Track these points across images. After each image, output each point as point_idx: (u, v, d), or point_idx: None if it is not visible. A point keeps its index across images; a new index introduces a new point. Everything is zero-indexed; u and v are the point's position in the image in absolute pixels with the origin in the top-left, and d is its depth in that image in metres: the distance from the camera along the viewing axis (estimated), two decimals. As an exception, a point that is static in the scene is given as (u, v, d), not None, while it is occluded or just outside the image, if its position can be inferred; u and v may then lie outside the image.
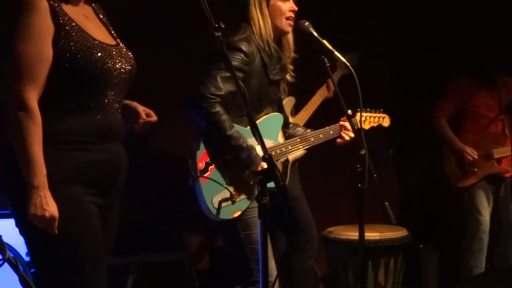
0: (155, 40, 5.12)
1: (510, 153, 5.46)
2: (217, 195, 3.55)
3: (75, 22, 2.68)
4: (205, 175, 3.54)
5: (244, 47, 3.63)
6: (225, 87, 3.52)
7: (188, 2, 2.70)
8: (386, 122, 4.38)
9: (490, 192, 5.53)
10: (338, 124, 3.99)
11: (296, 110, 5.03)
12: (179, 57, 5.16)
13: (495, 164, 5.48)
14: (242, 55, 3.62)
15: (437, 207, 6.16)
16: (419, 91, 5.99)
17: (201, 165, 3.55)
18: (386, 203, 3.39)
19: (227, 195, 3.57)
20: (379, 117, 4.34)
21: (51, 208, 2.54)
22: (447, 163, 5.59)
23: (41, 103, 2.60)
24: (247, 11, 3.73)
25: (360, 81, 3.28)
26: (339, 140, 4.00)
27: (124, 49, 2.88)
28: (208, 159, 3.57)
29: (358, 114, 3.81)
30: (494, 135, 5.51)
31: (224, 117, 3.52)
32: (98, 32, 2.81)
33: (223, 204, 3.56)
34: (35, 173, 2.52)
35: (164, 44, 5.19)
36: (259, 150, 3.57)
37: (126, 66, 2.82)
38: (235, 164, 3.57)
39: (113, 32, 2.94)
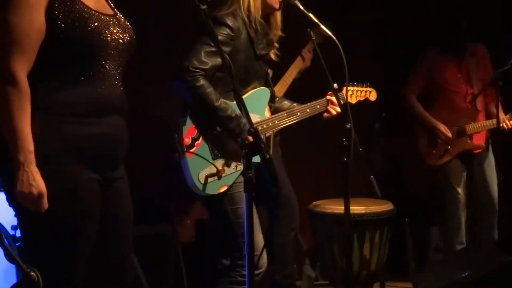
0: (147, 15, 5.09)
1: (483, 129, 5.41)
2: (203, 171, 3.55)
3: None
4: (191, 150, 3.53)
5: (230, 21, 3.60)
6: (209, 61, 3.51)
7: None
8: (373, 96, 4.37)
9: (463, 168, 5.52)
10: (324, 98, 3.98)
11: (273, 83, 5.01)
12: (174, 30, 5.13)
13: (468, 141, 5.43)
14: (228, 30, 3.59)
15: (422, 181, 6.16)
16: (404, 64, 5.98)
17: (187, 140, 3.54)
18: (371, 176, 3.41)
19: (214, 170, 3.56)
20: (365, 91, 4.32)
21: (38, 184, 2.47)
22: (419, 141, 5.55)
23: (35, 75, 2.52)
24: None
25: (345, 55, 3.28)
26: (326, 114, 3.99)
27: (122, 19, 2.80)
28: (195, 134, 3.56)
29: (345, 88, 3.82)
30: (466, 110, 5.44)
31: (210, 89, 3.51)
32: (95, 1, 2.71)
33: (210, 180, 3.55)
34: (21, 148, 2.45)
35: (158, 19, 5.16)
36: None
37: (125, 36, 2.74)
38: (223, 137, 3.57)
39: (110, 1, 2.85)
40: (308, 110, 3.96)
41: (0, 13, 2.50)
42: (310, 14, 3.55)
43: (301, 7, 3.60)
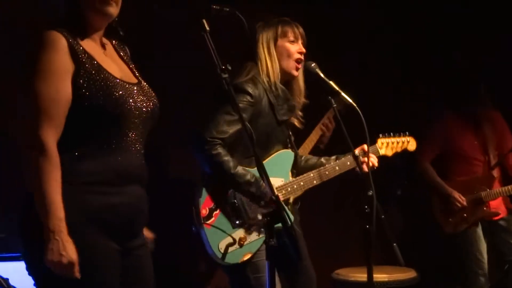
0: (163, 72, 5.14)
1: (499, 196, 5.32)
2: (223, 240, 3.53)
3: (95, 60, 2.63)
4: (208, 222, 3.52)
5: (250, 88, 3.63)
6: (228, 130, 3.52)
7: (195, 42, 2.69)
8: (411, 145, 4.27)
9: (483, 234, 5.40)
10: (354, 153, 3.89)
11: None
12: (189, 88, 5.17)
13: (485, 208, 5.34)
14: (248, 97, 3.62)
15: (444, 248, 6.09)
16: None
17: (204, 211, 3.53)
18: (394, 244, 3.37)
19: (234, 239, 3.54)
20: (403, 141, 4.24)
21: (69, 253, 2.44)
22: (435, 209, 5.46)
23: (60, 143, 2.53)
24: (255, 51, 3.75)
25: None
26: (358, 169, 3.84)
27: (146, 88, 2.81)
28: (212, 204, 3.55)
29: (379, 140, 3.79)
30: (482, 177, 5.37)
31: (227, 157, 3.52)
32: (119, 70, 2.75)
33: (230, 249, 3.53)
34: (51, 216, 2.44)
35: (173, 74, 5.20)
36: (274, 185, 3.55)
37: (148, 105, 2.74)
38: (243, 205, 3.56)
39: (134, 70, 2.87)
40: (337, 168, 3.90)
41: (28, 83, 2.53)
42: (331, 82, 3.57)
43: (322, 75, 3.62)
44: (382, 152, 4.12)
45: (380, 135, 4.15)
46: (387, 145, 4.17)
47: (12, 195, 2.67)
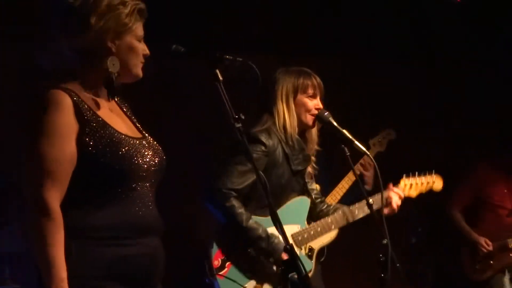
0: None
1: None
2: (237, 290, 3.52)
3: (100, 117, 2.61)
4: (221, 272, 3.52)
5: (263, 138, 3.64)
6: (242, 181, 3.53)
7: (208, 92, 2.71)
8: (437, 185, 4.24)
9: (509, 280, 5.40)
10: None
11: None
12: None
13: (511, 255, 5.35)
14: (262, 147, 3.62)
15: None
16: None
17: (216, 262, 3.53)
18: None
19: None
20: (428, 181, 4.20)
21: None
22: (462, 255, 5.50)
23: (67, 201, 2.51)
24: (273, 104, 3.75)
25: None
26: (386, 210, 3.82)
27: (151, 141, 2.79)
28: (224, 256, 3.55)
29: (402, 181, 3.78)
30: (509, 225, 5.41)
31: (240, 210, 3.51)
32: (124, 125, 2.74)
33: None
34: (53, 277, 2.42)
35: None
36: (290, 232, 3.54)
37: (155, 158, 2.72)
38: (254, 257, 3.54)
39: (138, 124, 2.86)
40: (356, 212, 3.86)
41: (31, 143, 2.52)
42: (344, 131, 3.58)
43: (335, 123, 3.63)
44: (405, 193, 4.09)
45: (404, 176, 4.13)
46: (411, 186, 4.13)
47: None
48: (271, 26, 5.85)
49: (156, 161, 2.73)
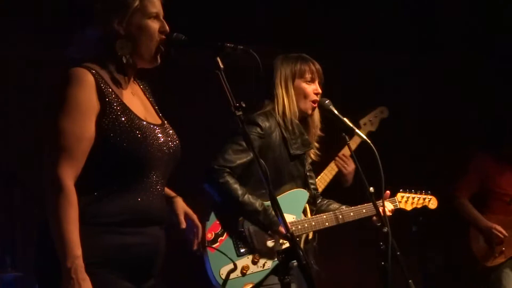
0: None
1: None
2: (226, 266, 3.53)
3: (121, 100, 2.60)
4: (213, 245, 3.52)
5: (260, 121, 3.67)
6: (234, 159, 3.56)
7: (210, 80, 2.70)
8: (432, 204, 4.27)
9: None
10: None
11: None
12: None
13: None
14: (258, 129, 3.65)
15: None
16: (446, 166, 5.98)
17: (209, 235, 3.55)
18: (410, 281, 3.36)
19: (236, 266, 3.53)
20: (424, 199, 4.24)
21: None
22: (474, 242, 5.50)
23: (81, 182, 2.50)
24: (273, 89, 3.77)
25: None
26: (375, 218, 3.83)
27: (169, 129, 2.77)
28: (218, 230, 3.56)
29: (399, 194, 3.80)
30: None
31: (235, 185, 3.53)
32: (145, 110, 2.72)
33: (232, 275, 3.51)
34: (68, 254, 2.41)
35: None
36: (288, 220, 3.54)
37: (171, 146, 2.70)
38: (249, 235, 3.56)
39: (158, 111, 2.84)
40: (352, 214, 3.89)
41: (52, 119, 2.51)
42: (345, 119, 3.58)
43: (336, 111, 3.64)
44: (401, 205, 4.13)
45: (401, 190, 4.15)
46: (407, 200, 4.18)
47: (30, 235, 2.65)
48: (272, 16, 5.86)
49: (171, 149, 2.71)
